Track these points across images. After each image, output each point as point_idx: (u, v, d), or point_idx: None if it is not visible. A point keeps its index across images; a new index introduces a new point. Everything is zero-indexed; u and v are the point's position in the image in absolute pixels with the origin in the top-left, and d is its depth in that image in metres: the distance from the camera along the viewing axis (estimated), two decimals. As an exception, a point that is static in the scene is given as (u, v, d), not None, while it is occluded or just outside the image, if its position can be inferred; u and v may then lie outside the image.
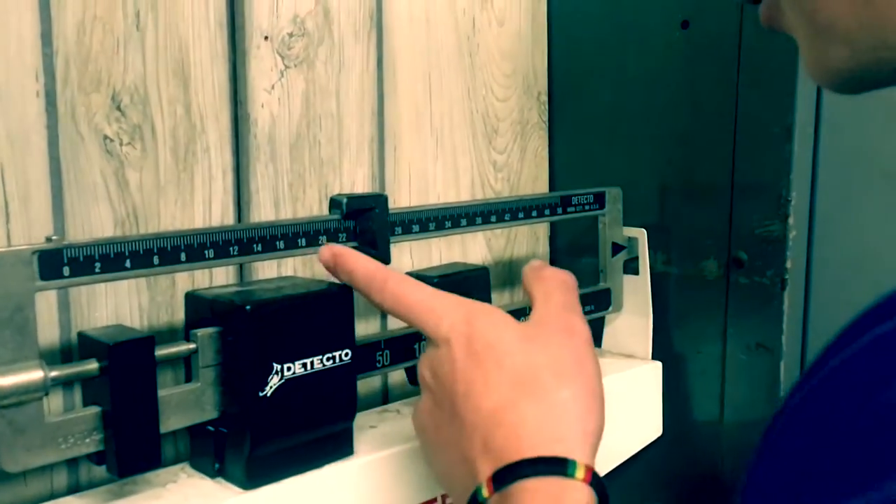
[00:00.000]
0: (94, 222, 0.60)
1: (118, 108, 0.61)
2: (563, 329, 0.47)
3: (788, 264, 0.74)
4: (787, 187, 0.73)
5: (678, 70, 0.80)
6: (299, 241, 0.57)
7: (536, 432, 0.40)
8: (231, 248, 0.54)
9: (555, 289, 0.51)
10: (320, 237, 0.58)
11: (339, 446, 0.59)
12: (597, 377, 0.46)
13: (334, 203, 0.60)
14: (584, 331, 0.48)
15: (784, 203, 0.73)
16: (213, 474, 0.55)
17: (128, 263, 0.48)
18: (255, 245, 0.55)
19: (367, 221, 0.60)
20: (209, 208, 0.66)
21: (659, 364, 0.81)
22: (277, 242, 0.56)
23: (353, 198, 0.60)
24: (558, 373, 0.44)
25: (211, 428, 0.54)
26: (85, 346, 0.49)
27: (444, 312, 0.49)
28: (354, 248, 0.59)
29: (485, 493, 0.41)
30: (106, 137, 0.60)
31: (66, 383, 0.57)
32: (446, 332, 0.48)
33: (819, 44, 0.33)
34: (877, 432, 0.22)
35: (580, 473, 0.39)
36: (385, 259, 0.60)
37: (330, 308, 0.57)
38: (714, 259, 0.79)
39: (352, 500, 0.57)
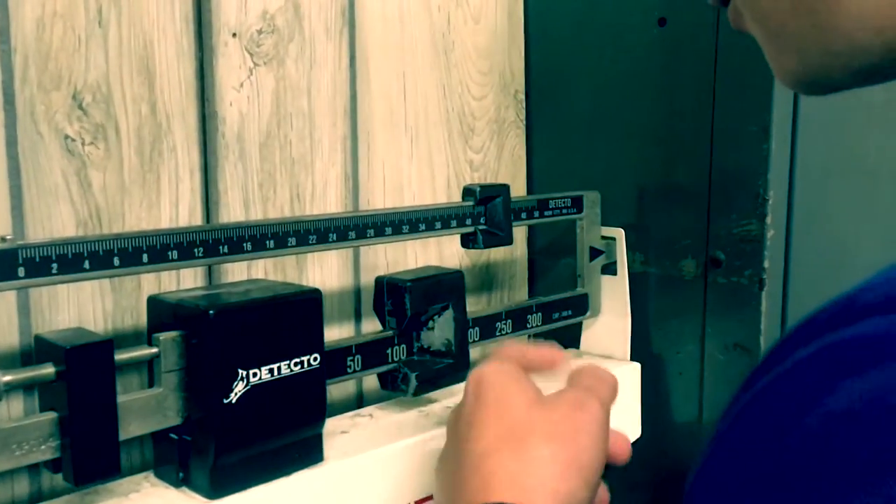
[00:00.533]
0: (56, 224, 0.58)
1: (80, 107, 0.59)
2: (573, 403, 0.48)
3: (766, 264, 0.73)
4: (765, 186, 0.72)
5: (655, 68, 0.80)
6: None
7: (507, 481, 0.42)
8: (196, 250, 0.52)
9: (587, 376, 0.52)
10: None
11: (308, 453, 0.57)
12: (588, 450, 0.46)
13: (468, 191, 0.69)
14: (596, 411, 0.48)
15: (762, 202, 0.73)
16: (177, 483, 0.54)
17: (87, 265, 0.46)
18: (220, 247, 0.54)
19: (495, 208, 0.69)
20: (176, 209, 0.64)
21: (637, 365, 0.80)
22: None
23: (484, 187, 0.69)
24: (548, 435, 0.45)
25: (174, 436, 0.53)
26: (42, 349, 0.47)
27: (483, 364, 0.51)
28: (483, 230, 0.69)
29: None
30: (67, 137, 0.59)
31: (25, 388, 0.56)
32: (474, 376, 0.50)
33: (771, 49, 0.34)
34: (804, 453, 0.23)
35: None
36: (508, 240, 0.70)
37: (298, 312, 0.56)
38: (692, 258, 0.78)
39: (321, 508, 0.56)
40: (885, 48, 0.30)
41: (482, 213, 0.69)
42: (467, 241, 0.70)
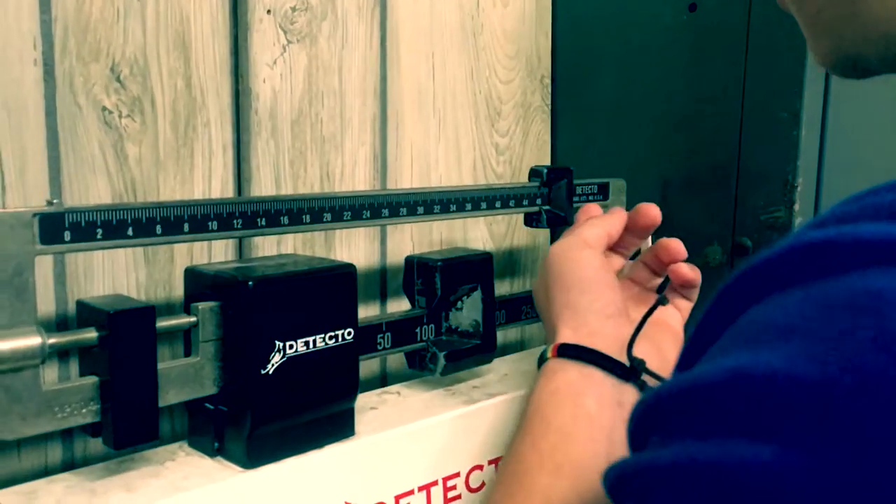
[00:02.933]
0: (92, 195, 0.59)
1: (118, 80, 0.59)
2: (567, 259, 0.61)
3: (794, 250, 0.73)
4: (794, 173, 0.72)
5: (684, 53, 0.79)
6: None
7: (568, 332, 0.57)
8: (234, 221, 0.52)
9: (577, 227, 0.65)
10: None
11: (340, 426, 0.57)
12: (542, 280, 0.62)
13: (535, 172, 0.72)
14: (553, 249, 0.62)
15: (790, 189, 0.73)
16: (212, 453, 0.54)
17: (129, 231, 0.47)
18: (258, 219, 0.54)
19: (559, 190, 0.72)
20: (209, 184, 0.65)
21: (661, 351, 0.80)
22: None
23: (551, 169, 0.72)
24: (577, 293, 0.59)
25: (210, 406, 0.53)
26: (84, 314, 0.47)
27: (560, 239, 0.64)
28: (546, 210, 0.72)
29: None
30: (105, 109, 0.59)
31: (62, 354, 0.56)
32: (550, 252, 0.63)
33: (808, 32, 0.35)
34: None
35: (549, 353, 0.56)
36: (569, 220, 0.72)
37: (333, 286, 0.56)
38: (718, 245, 0.78)
39: (353, 481, 0.56)
40: None
41: (547, 195, 0.72)
42: (532, 221, 0.73)
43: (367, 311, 0.75)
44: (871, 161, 0.77)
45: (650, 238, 0.80)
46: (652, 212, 0.66)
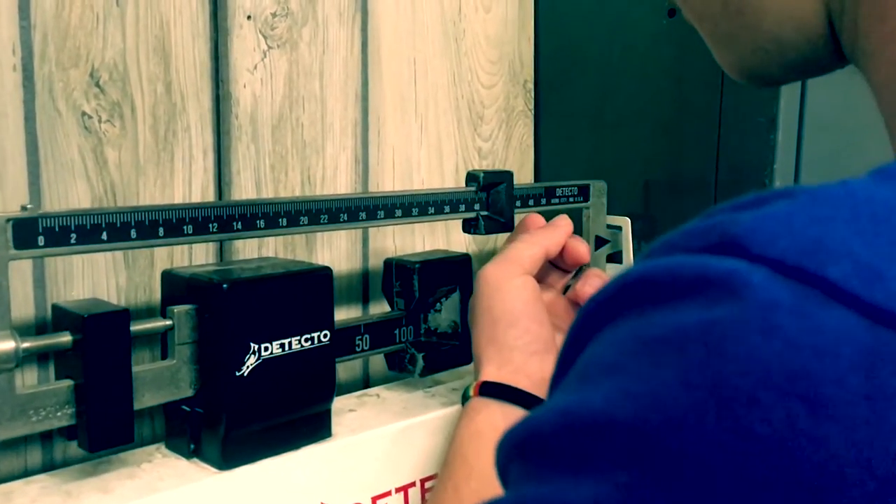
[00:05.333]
0: (72, 199, 0.59)
1: (97, 85, 0.60)
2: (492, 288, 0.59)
3: (771, 253, 0.74)
4: (771, 176, 0.73)
5: (665, 59, 0.80)
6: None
7: (492, 368, 0.57)
8: (210, 225, 0.53)
9: (513, 241, 0.63)
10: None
11: (317, 428, 0.58)
12: (472, 307, 0.59)
13: (471, 177, 0.68)
14: (482, 274, 0.59)
15: (767, 192, 0.73)
16: (188, 455, 0.54)
17: (104, 236, 0.47)
18: (234, 223, 0.55)
19: (497, 195, 0.68)
20: (189, 188, 0.65)
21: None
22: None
23: (487, 173, 0.68)
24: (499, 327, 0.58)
25: (186, 408, 0.54)
26: (59, 318, 0.48)
27: (493, 259, 0.62)
28: (485, 216, 0.68)
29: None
30: (84, 114, 0.59)
31: (39, 357, 0.57)
32: (479, 275, 0.60)
33: (711, 48, 0.36)
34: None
35: (472, 391, 0.55)
36: (509, 226, 0.69)
37: (309, 288, 0.57)
38: (697, 248, 0.79)
39: (329, 482, 0.57)
40: (809, 44, 0.32)
41: (485, 199, 0.69)
42: (469, 227, 0.70)
43: (348, 314, 0.76)
44: (847, 164, 0.78)
45: (630, 244, 0.81)
46: (580, 249, 0.63)
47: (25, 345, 0.45)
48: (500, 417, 0.53)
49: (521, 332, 0.56)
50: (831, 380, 0.17)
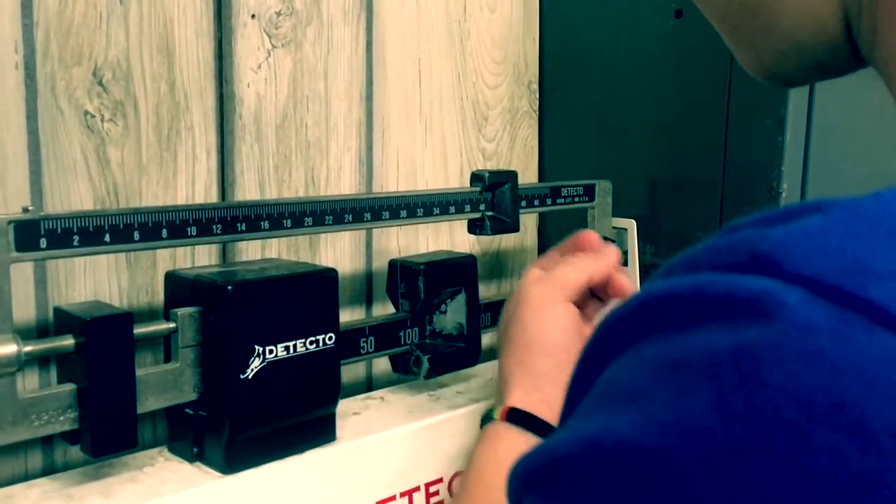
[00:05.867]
0: (74, 199, 0.58)
1: (100, 84, 0.59)
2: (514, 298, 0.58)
3: (778, 256, 0.73)
4: (779, 179, 0.73)
5: (671, 60, 0.80)
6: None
7: (520, 394, 0.55)
8: (214, 227, 0.52)
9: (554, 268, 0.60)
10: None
11: (321, 432, 0.57)
12: (507, 316, 0.58)
13: (476, 177, 0.67)
14: (525, 291, 0.57)
15: (775, 195, 0.73)
16: (191, 458, 0.54)
17: (107, 238, 0.47)
18: (238, 224, 0.54)
19: (502, 195, 0.68)
20: (192, 188, 0.65)
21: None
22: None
23: (492, 173, 0.68)
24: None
25: (190, 411, 0.53)
26: (61, 321, 0.47)
27: (535, 277, 0.60)
28: (491, 216, 0.68)
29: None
30: (87, 113, 0.59)
31: (41, 361, 0.56)
32: (520, 291, 0.59)
33: (731, 48, 0.36)
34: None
35: (497, 414, 0.54)
36: (515, 227, 0.69)
37: (314, 291, 0.56)
38: (703, 251, 0.78)
39: (333, 487, 0.56)
40: (826, 48, 0.32)
41: (490, 200, 0.69)
42: (475, 227, 0.70)
43: (352, 315, 0.75)
44: (854, 166, 0.78)
45: (635, 247, 0.80)
46: (624, 285, 0.61)
47: (27, 348, 0.44)
48: (524, 447, 0.52)
49: (553, 361, 0.54)
50: (881, 411, 0.16)
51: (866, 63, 0.33)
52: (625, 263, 0.81)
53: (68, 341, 0.46)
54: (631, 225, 0.80)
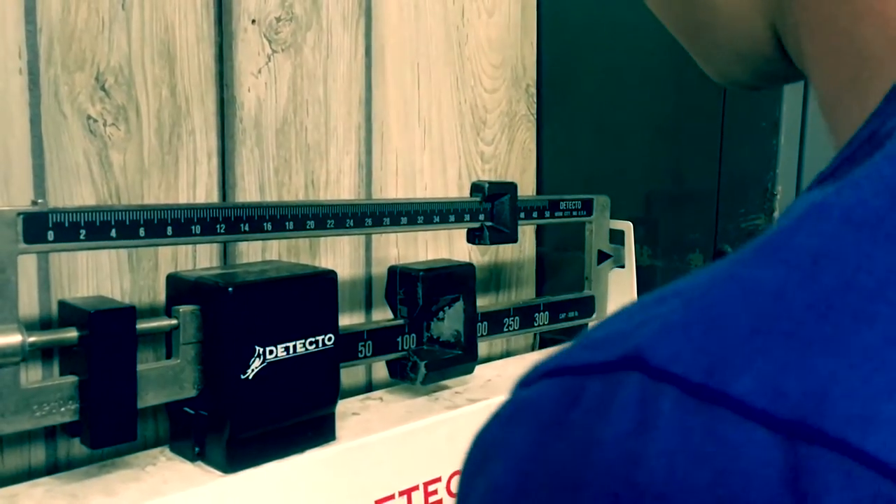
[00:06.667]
0: (77, 203, 0.59)
1: (102, 88, 0.60)
2: None
3: (774, 257, 0.74)
4: (773, 181, 0.73)
5: (667, 63, 0.81)
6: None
7: None
8: (218, 226, 0.53)
9: None
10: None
11: (321, 431, 0.58)
12: None
13: (476, 187, 0.69)
14: None
15: (770, 197, 0.74)
16: (192, 458, 0.54)
17: (113, 233, 0.47)
18: (241, 224, 0.55)
19: (501, 206, 0.69)
20: (193, 192, 0.65)
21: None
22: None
23: (492, 184, 0.69)
24: None
25: (190, 410, 0.54)
26: (65, 314, 0.48)
27: None
28: (490, 227, 0.69)
29: None
30: (89, 118, 0.60)
31: (44, 352, 0.57)
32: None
33: (694, 58, 0.37)
34: None
35: None
36: (513, 237, 0.69)
37: (314, 292, 0.57)
38: (700, 252, 0.79)
39: (333, 486, 0.57)
40: (765, 59, 0.32)
41: (489, 210, 0.70)
42: (473, 237, 0.71)
43: (352, 320, 0.76)
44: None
45: (632, 249, 0.81)
46: None
47: (32, 339, 0.45)
48: None
49: None
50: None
51: None
52: (622, 265, 0.82)
53: (72, 333, 0.47)
54: (628, 227, 0.81)
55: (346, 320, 0.75)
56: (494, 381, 0.72)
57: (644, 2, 0.38)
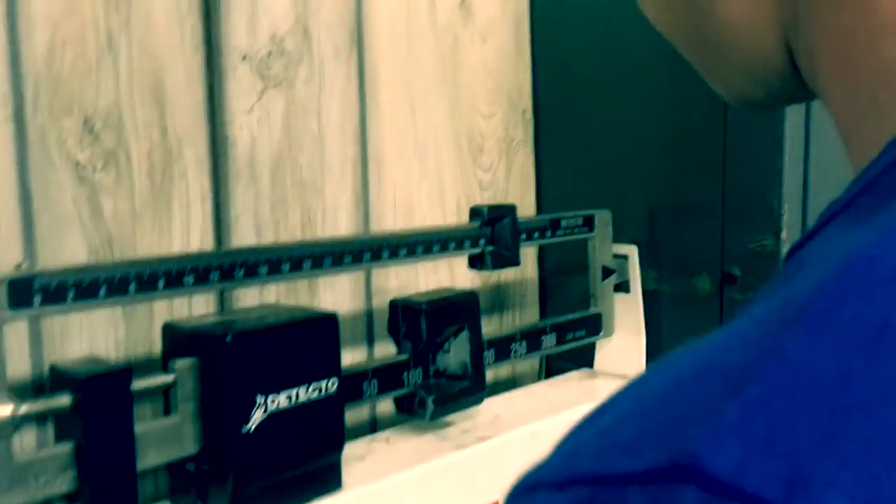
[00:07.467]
0: (67, 251, 0.57)
1: (91, 133, 0.58)
2: None
3: (783, 279, 0.72)
4: (779, 201, 0.72)
5: (666, 83, 0.79)
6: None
7: None
8: (211, 275, 0.51)
9: None
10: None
11: (326, 480, 0.56)
12: None
13: (475, 212, 0.68)
14: None
15: (776, 217, 0.72)
16: (195, 513, 0.52)
17: (102, 292, 0.46)
18: (236, 271, 0.53)
19: (502, 229, 0.68)
20: (188, 235, 0.64)
21: (653, 384, 0.79)
22: (260, 268, 0.54)
23: (491, 208, 0.68)
24: None
25: (192, 465, 0.52)
26: (57, 379, 0.46)
27: None
28: (491, 251, 0.67)
29: None
30: (78, 164, 0.58)
31: (38, 419, 0.55)
32: None
33: (704, 77, 0.36)
34: None
35: None
36: (515, 260, 0.69)
37: (314, 336, 0.55)
38: (707, 275, 0.77)
39: (341, 536, 0.55)
40: (778, 78, 0.32)
41: (490, 234, 0.68)
42: (475, 263, 0.69)
43: (354, 356, 0.74)
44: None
45: (637, 274, 0.79)
46: None
47: (23, 409, 0.43)
48: None
49: None
50: None
51: None
52: (627, 290, 0.80)
53: (64, 399, 0.45)
54: (632, 251, 0.80)
55: (348, 356, 0.73)
56: (503, 417, 0.70)
57: (650, 23, 0.36)
